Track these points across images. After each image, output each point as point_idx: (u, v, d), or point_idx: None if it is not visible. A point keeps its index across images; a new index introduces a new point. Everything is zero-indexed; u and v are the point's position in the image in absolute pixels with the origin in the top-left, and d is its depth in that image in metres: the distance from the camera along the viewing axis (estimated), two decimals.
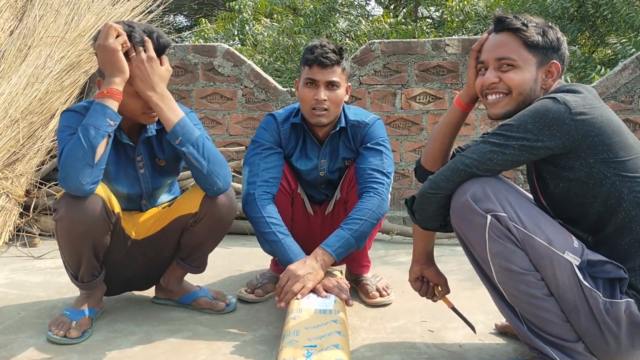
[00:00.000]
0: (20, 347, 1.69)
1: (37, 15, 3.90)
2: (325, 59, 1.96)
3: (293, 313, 1.67)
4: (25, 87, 3.46)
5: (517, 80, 1.46)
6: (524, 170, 3.43)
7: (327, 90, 2.00)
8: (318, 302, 1.75)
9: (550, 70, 1.49)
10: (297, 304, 1.74)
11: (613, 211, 1.38)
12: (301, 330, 1.56)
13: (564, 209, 1.47)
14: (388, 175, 2.05)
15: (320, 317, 1.65)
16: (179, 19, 11.49)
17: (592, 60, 5.12)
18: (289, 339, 1.52)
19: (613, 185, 1.37)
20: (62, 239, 1.73)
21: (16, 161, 3.29)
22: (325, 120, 2.03)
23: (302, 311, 1.68)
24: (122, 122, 1.77)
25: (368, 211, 1.94)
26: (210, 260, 2.07)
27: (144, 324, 1.89)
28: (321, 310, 1.68)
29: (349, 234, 1.91)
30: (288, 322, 1.63)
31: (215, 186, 1.78)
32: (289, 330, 1.57)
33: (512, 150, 1.38)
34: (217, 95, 3.76)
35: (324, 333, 1.54)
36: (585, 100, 1.37)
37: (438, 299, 1.70)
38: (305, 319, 1.63)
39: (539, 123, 1.35)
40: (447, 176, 1.43)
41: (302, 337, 1.52)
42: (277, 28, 6.14)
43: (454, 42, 3.53)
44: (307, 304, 1.73)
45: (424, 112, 3.57)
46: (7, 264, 2.71)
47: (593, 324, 1.35)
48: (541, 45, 1.46)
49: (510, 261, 1.36)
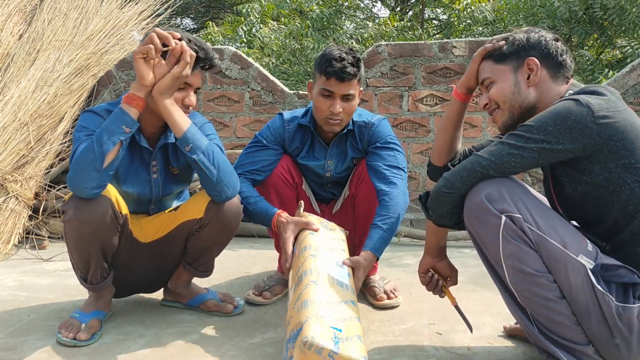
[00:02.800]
0: (30, 349, 1.70)
1: (45, 19, 3.93)
2: (344, 73, 1.96)
3: (311, 275, 1.54)
4: (35, 91, 3.49)
5: (496, 92, 1.54)
6: (533, 172, 3.41)
7: (343, 101, 2.01)
8: (332, 265, 1.64)
9: (529, 67, 1.50)
10: (311, 240, 1.71)
11: (631, 217, 1.37)
12: (324, 303, 1.42)
13: (580, 213, 1.46)
14: (404, 170, 2.09)
15: (339, 290, 1.54)
16: (186, 22, 11.53)
17: (599, 63, 5.10)
18: (313, 310, 1.37)
19: (632, 191, 1.35)
20: (71, 240, 1.74)
21: (25, 164, 3.32)
22: (338, 129, 2.07)
23: (320, 275, 1.55)
24: (144, 126, 1.79)
25: (396, 207, 1.95)
26: (218, 262, 2.07)
27: (153, 326, 1.90)
28: (338, 282, 1.58)
29: (384, 229, 1.90)
30: (308, 285, 1.49)
31: (224, 194, 1.79)
32: (312, 299, 1.42)
33: (531, 153, 1.36)
34: (225, 98, 3.78)
35: (347, 316, 1.43)
36: (609, 103, 1.35)
37: (446, 290, 1.69)
38: (326, 289, 1.50)
39: (560, 125, 1.33)
40: (463, 177, 1.43)
41: (327, 313, 1.38)
42: (284, 31, 6.15)
43: (460, 44, 3.53)
44: (323, 261, 1.63)
45: (430, 114, 3.56)
46: (16, 266, 2.72)
47: (604, 328, 1.34)
48: (508, 53, 1.54)
49: (523, 262, 1.35)
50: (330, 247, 1.76)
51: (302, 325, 1.32)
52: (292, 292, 1.57)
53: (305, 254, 1.66)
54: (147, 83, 1.67)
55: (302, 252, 1.69)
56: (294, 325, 1.36)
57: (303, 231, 1.82)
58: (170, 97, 1.71)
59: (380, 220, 1.92)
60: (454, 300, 1.67)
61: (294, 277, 1.63)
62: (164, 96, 1.69)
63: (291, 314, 1.45)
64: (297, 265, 1.66)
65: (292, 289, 1.59)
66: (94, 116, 1.76)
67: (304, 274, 1.56)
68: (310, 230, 1.81)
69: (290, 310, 1.48)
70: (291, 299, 1.53)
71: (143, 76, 1.66)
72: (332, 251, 1.74)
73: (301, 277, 1.56)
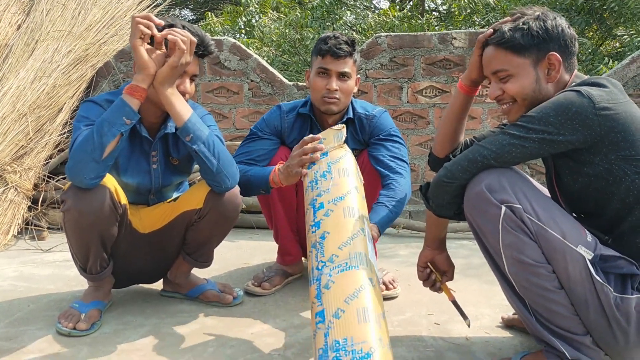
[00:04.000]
0: (30, 339, 1.71)
1: (44, 10, 3.91)
2: (339, 49, 2.01)
3: (364, 264, 1.40)
4: (33, 82, 3.48)
5: (516, 89, 1.46)
6: (532, 163, 3.42)
7: (339, 80, 2.04)
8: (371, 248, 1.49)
9: (550, 62, 1.44)
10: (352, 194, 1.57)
11: (630, 209, 1.37)
12: (379, 322, 1.30)
13: (581, 204, 1.46)
14: (407, 163, 2.11)
15: (379, 294, 1.41)
16: (184, 13, 11.47)
17: (600, 53, 5.08)
18: (377, 337, 1.24)
19: (633, 183, 1.35)
20: (70, 230, 1.74)
21: (24, 155, 3.32)
22: (335, 108, 2.06)
23: (374, 272, 1.42)
24: (144, 116, 1.78)
25: (401, 192, 1.96)
26: (218, 253, 2.08)
27: (153, 316, 1.91)
28: (377, 279, 1.44)
29: (389, 208, 1.90)
30: (363, 288, 1.34)
31: (223, 184, 1.79)
32: (370, 313, 1.28)
33: (532, 144, 1.36)
34: (224, 89, 3.77)
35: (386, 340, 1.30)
36: (610, 94, 1.35)
37: (440, 286, 1.67)
38: (375, 296, 1.36)
39: (562, 116, 1.33)
40: (464, 166, 1.42)
41: (386, 342, 1.28)
42: (284, 21, 6.13)
43: (460, 36, 3.52)
44: (369, 240, 1.49)
45: (430, 105, 3.56)
46: (16, 257, 2.73)
47: (602, 318, 1.34)
48: (528, 45, 1.44)
49: (522, 253, 1.35)
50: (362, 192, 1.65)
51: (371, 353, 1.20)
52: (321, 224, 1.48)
53: (349, 211, 1.52)
54: (152, 72, 1.64)
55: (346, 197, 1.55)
56: (346, 335, 1.24)
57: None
58: (172, 86, 1.70)
59: (387, 200, 1.93)
60: (451, 295, 1.65)
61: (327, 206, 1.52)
62: (164, 86, 1.67)
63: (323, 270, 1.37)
64: (333, 195, 1.55)
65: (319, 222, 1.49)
66: (94, 106, 1.76)
67: (354, 254, 1.41)
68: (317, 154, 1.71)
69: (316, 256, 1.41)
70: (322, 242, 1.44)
71: (147, 65, 1.64)
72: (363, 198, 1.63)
73: (350, 239, 1.45)
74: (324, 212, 1.53)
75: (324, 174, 1.64)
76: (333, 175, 1.62)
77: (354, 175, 1.65)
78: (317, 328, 1.30)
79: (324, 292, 1.35)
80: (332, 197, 1.56)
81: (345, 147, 1.73)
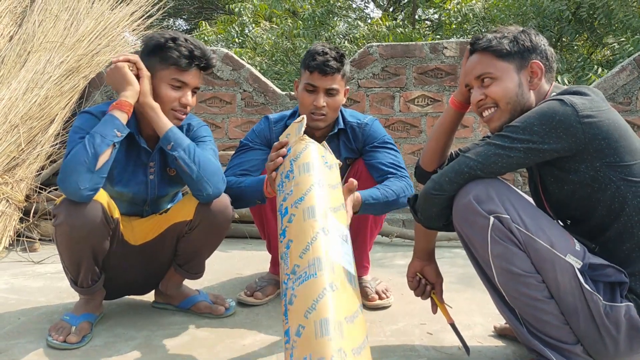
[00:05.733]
0: (21, 352, 1.69)
1: (36, 21, 3.91)
2: (327, 67, 1.98)
3: (323, 267, 1.26)
4: (25, 93, 3.47)
5: (500, 91, 1.48)
6: (524, 172, 3.43)
7: (327, 96, 2.02)
8: (339, 243, 1.37)
9: (532, 70, 1.49)
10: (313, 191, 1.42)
11: (616, 216, 1.38)
12: (342, 325, 1.19)
13: (567, 210, 1.48)
14: (405, 168, 2.09)
15: (355, 293, 1.33)
16: (178, 23, 11.51)
17: (590, 62, 5.13)
18: (337, 344, 1.13)
19: (618, 189, 1.37)
20: (62, 245, 1.73)
21: (16, 166, 3.30)
22: (322, 124, 2.06)
23: (335, 272, 1.28)
24: (143, 127, 1.85)
25: (398, 189, 1.94)
26: (210, 264, 2.07)
27: (144, 328, 1.90)
28: (349, 278, 1.34)
29: (380, 192, 1.89)
30: (324, 293, 1.21)
31: (204, 191, 1.79)
32: (328, 317, 1.17)
33: (517, 153, 1.38)
34: (216, 99, 3.77)
35: (363, 344, 1.24)
36: (593, 102, 1.37)
37: (438, 304, 1.67)
38: (343, 295, 1.26)
39: (546, 125, 1.35)
40: (451, 178, 1.43)
41: (347, 344, 1.17)
42: (277, 31, 6.15)
43: (451, 45, 3.54)
44: (333, 239, 1.35)
45: (422, 114, 3.58)
46: (7, 269, 2.71)
47: (592, 327, 1.35)
48: (514, 51, 1.49)
49: (511, 263, 1.36)
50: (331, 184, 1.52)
51: None
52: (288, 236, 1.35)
53: (308, 213, 1.38)
54: (138, 88, 1.77)
55: (304, 198, 1.41)
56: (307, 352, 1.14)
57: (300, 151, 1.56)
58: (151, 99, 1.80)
59: (381, 187, 1.92)
60: (449, 318, 1.64)
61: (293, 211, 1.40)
62: (148, 98, 1.78)
63: (295, 288, 1.23)
64: (295, 197, 1.42)
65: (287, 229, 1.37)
66: (90, 117, 1.78)
67: (314, 259, 1.28)
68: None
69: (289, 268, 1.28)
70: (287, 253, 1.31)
71: (134, 82, 1.77)
72: (333, 189, 1.51)
73: (307, 246, 1.30)
74: (288, 217, 1.41)
75: (287, 175, 1.54)
76: (295, 173, 1.51)
77: (318, 166, 1.51)
78: (285, 348, 1.22)
79: (289, 309, 1.24)
80: (293, 199, 1.43)
81: (306, 138, 1.60)
